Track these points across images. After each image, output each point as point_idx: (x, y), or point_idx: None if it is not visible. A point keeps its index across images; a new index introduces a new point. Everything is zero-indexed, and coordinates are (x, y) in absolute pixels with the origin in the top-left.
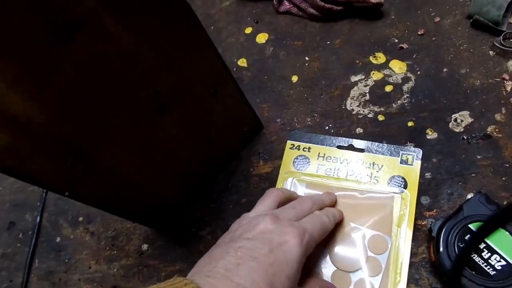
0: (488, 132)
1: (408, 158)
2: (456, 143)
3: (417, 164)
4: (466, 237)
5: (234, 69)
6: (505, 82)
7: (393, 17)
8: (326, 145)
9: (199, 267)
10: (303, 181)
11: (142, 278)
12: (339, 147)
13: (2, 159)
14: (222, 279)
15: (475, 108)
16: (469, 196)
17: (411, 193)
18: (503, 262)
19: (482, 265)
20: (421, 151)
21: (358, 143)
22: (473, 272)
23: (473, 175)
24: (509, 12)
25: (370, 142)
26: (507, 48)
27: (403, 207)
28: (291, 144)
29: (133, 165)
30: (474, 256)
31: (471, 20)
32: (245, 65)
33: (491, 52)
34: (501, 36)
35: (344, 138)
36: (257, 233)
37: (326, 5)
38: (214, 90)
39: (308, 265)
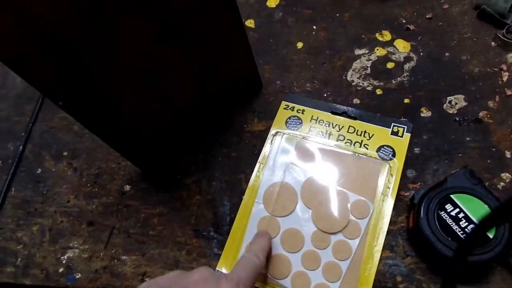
0: (479, 117)
1: (399, 130)
2: (448, 123)
3: (407, 136)
4: (447, 206)
5: None
6: (503, 72)
7: None
8: (320, 109)
9: None
10: (293, 139)
11: (120, 217)
12: (333, 112)
13: (10, 49)
14: None
15: (471, 93)
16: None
17: (399, 163)
18: None
19: (459, 233)
20: (412, 125)
21: (351, 110)
22: (449, 238)
23: (460, 155)
24: None
25: (364, 111)
26: (509, 40)
27: (389, 176)
28: (286, 105)
29: (133, 91)
30: (452, 224)
31: (478, 11)
32: (252, 26)
33: (493, 43)
34: (505, 29)
35: (339, 105)
36: (192, 281)
37: None
38: (223, 34)
39: (289, 222)
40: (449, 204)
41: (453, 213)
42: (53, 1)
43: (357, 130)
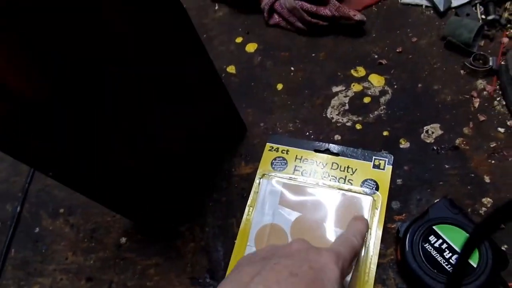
0: (456, 144)
1: (380, 163)
2: (427, 153)
3: (389, 169)
4: (430, 237)
5: (223, 75)
6: (474, 99)
7: (374, 35)
8: (304, 148)
9: (229, 283)
10: (280, 180)
11: (118, 270)
12: (316, 150)
13: None
14: None
15: (446, 121)
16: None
17: (382, 196)
18: None
19: (444, 264)
20: (392, 157)
21: (334, 147)
22: (435, 270)
23: (441, 183)
24: (479, 36)
25: (345, 147)
26: (476, 68)
27: (374, 209)
28: (270, 146)
29: (120, 153)
30: (437, 256)
31: (445, 41)
32: (233, 71)
33: (462, 71)
34: (471, 57)
35: (321, 142)
36: (293, 250)
37: (312, 20)
38: (203, 89)
39: None
40: (432, 236)
41: (436, 245)
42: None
43: (340, 166)
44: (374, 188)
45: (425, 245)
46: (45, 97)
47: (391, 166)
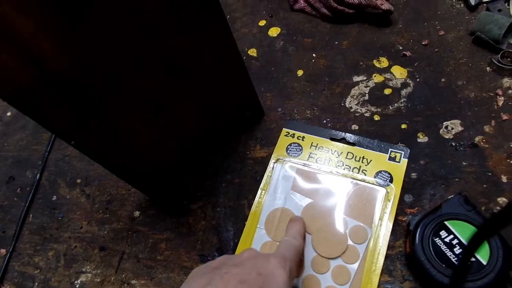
0: (475, 142)
1: (396, 156)
2: (445, 148)
3: (404, 162)
4: (441, 232)
5: (244, 57)
6: (498, 97)
7: (400, 26)
8: (320, 136)
9: None
10: (294, 166)
11: (130, 242)
12: (332, 139)
13: (21, 97)
14: None
15: (467, 118)
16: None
17: (396, 189)
18: (473, 259)
19: (453, 259)
20: (409, 150)
21: (350, 137)
22: (443, 265)
23: (457, 179)
24: (509, 33)
25: (362, 137)
26: (504, 66)
27: (387, 201)
28: (286, 132)
29: (139, 123)
30: (446, 250)
31: (473, 37)
32: (254, 54)
33: (488, 68)
34: (500, 54)
35: (338, 131)
36: (243, 259)
37: (339, 6)
38: (223, 66)
39: None
40: (443, 231)
41: (447, 240)
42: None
43: (356, 156)
44: (388, 180)
45: (435, 239)
46: (68, 64)
47: (406, 160)
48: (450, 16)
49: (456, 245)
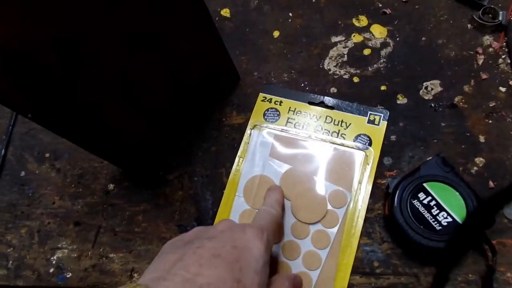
0: (455, 102)
1: (375, 119)
2: (424, 109)
3: (383, 124)
4: (419, 194)
5: (217, 18)
6: (478, 55)
7: None
8: (298, 100)
9: (152, 271)
10: (272, 131)
11: (106, 216)
12: (310, 103)
13: None
14: (182, 282)
15: (447, 78)
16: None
17: (375, 152)
18: (449, 219)
19: (430, 221)
20: (388, 113)
21: (329, 100)
22: (421, 226)
23: (435, 141)
24: None
25: (341, 100)
26: (485, 23)
27: (366, 164)
28: (263, 97)
29: (105, 97)
30: (424, 212)
31: None
32: (228, 15)
33: (469, 25)
34: (481, 11)
35: (316, 95)
36: (217, 232)
37: None
38: (193, 30)
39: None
40: (421, 193)
41: (425, 201)
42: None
43: (334, 120)
44: (367, 144)
45: (413, 201)
46: (30, 46)
47: (386, 122)
48: None
49: (434, 207)
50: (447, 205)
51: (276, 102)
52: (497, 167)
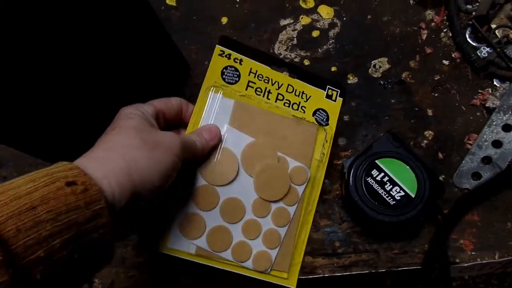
0: (402, 78)
1: (332, 94)
2: (374, 88)
3: (339, 101)
4: (372, 172)
5: (162, 7)
6: (422, 30)
7: None
8: (260, 61)
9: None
10: (232, 95)
11: None
12: (273, 68)
13: None
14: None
15: (393, 55)
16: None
17: (332, 129)
18: (402, 193)
19: (384, 196)
20: (344, 90)
21: (292, 67)
22: (376, 203)
23: (386, 118)
24: None
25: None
26: None
27: (325, 141)
28: (221, 51)
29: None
30: (378, 188)
31: None
32: (173, 3)
33: (411, 1)
34: None
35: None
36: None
37: None
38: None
39: (229, 192)
40: (374, 170)
41: (378, 178)
42: None
43: (296, 90)
44: (325, 120)
45: (367, 179)
46: None
47: (341, 99)
48: None
49: (387, 182)
50: (399, 179)
51: (236, 60)
52: (445, 139)
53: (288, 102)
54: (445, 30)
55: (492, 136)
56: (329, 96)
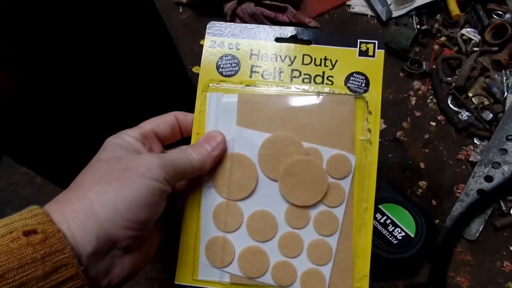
0: (397, 136)
1: (368, 48)
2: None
3: (381, 55)
4: (376, 215)
5: (190, 74)
6: (411, 97)
7: None
8: (260, 38)
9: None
10: (234, 90)
11: None
12: (278, 39)
13: None
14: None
15: (388, 117)
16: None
17: (376, 95)
18: (403, 234)
19: (387, 236)
20: (383, 40)
21: (303, 32)
22: (380, 242)
23: (385, 169)
24: (415, 43)
25: (319, 31)
26: (413, 71)
27: (367, 114)
28: (211, 41)
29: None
30: (382, 229)
31: (386, 47)
32: (199, 72)
33: (401, 74)
34: (408, 61)
35: (285, 26)
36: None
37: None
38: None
39: (253, 204)
40: (378, 213)
41: (382, 220)
42: None
43: (315, 59)
44: (363, 85)
45: (373, 222)
46: None
47: (383, 51)
48: (367, 31)
49: (390, 224)
50: (400, 222)
51: (231, 46)
52: (437, 188)
53: (308, 76)
54: (430, 97)
55: (476, 185)
56: (363, 53)
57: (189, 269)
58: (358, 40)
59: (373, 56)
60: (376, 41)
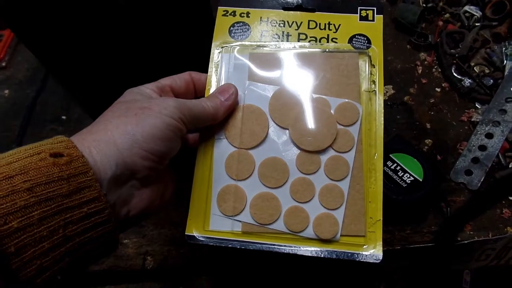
0: (405, 100)
1: (368, 14)
2: (384, 107)
3: (380, 19)
4: (388, 163)
5: None
6: (417, 67)
7: None
8: (269, 8)
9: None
10: (245, 50)
11: None
12: (285, 8)
13: None
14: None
15: (397, 83)
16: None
17: (378, 50)
18: (412, 178)
19: (397, 180)
20: (381, 6)
21: (307, 1)
22: (392, 185)
23: (394, 129)
24: (421, 19)
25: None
26: (419, 43)
27: (371, 67)
28: (224, 11)
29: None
30: (393, 174)
31: (395, 23)
32: None
33: (408, 46)
34: (416, 35)
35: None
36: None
37: None
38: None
39: (264, 152)
40: (389, 161)
41: (392, 167)
42: None
43: (320, 24)
44: (365, 43)
45: (384, 168)
46: None
47: (381, 16)
48: None
49: (399, 170)
50: (409, 168)
51: (242, 14)
52: (441, 145)
53: (314, 38)
54: (435, 67)
55: (478, 142)
56: (364, 18)
57: (200, 220)
58: (359, 8)
59: (373, 20)
60: (375, 8)
